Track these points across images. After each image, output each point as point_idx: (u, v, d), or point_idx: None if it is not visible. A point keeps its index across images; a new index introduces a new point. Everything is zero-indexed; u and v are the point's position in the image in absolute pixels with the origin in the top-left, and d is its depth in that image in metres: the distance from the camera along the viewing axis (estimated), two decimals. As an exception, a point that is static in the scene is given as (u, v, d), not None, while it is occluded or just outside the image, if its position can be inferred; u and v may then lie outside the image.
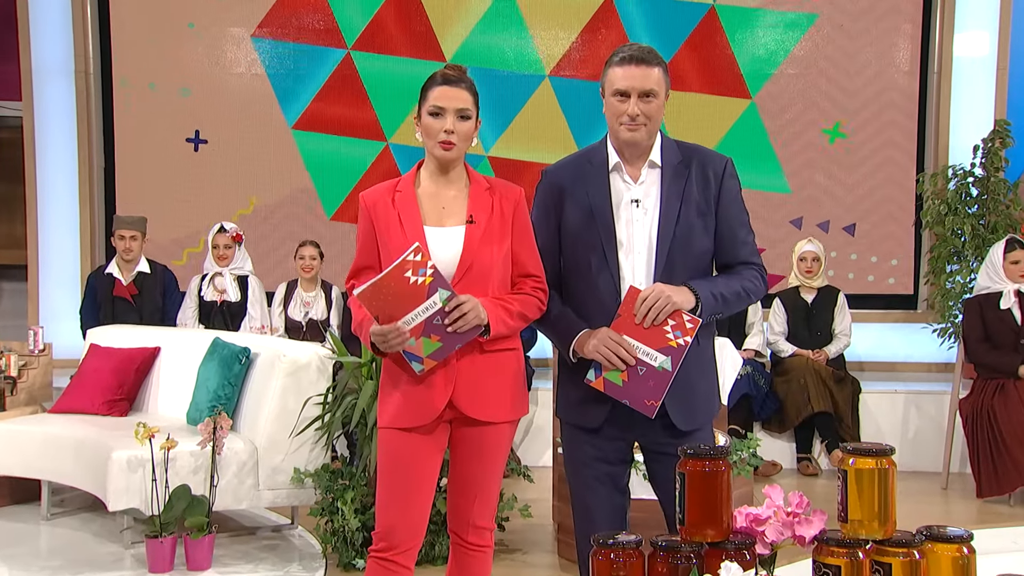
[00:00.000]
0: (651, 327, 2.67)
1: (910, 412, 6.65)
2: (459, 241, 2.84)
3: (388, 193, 2.89)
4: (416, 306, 2.70)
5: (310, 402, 4.72)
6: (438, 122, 2.82)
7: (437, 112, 2.82)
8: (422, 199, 2.88)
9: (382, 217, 2.86)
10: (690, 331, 2.67)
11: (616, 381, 2.72)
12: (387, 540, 2.85)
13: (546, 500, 5.11)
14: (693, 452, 2.00)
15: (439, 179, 2.91)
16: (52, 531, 5.14)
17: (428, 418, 2.83)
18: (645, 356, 2.68)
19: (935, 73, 7.61)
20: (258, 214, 7.87)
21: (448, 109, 2.81)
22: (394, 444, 2.85)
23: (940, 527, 1.92)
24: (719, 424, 4.55)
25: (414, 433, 2.84)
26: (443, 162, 2.87)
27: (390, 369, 2.87)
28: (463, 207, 2.88)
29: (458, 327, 2.73)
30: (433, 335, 2.73)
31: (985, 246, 6.93)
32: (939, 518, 5.30)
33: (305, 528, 5.05)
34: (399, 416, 2.84)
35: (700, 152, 2.87)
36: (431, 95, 2.83)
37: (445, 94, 2.82)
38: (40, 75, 7.90)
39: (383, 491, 2.87)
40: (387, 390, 2.88)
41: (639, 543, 1.94)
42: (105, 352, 5.62)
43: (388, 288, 2.67)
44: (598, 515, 2.83)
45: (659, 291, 2.66)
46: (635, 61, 2.75)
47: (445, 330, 2.73)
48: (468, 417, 2.85)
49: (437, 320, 2.72)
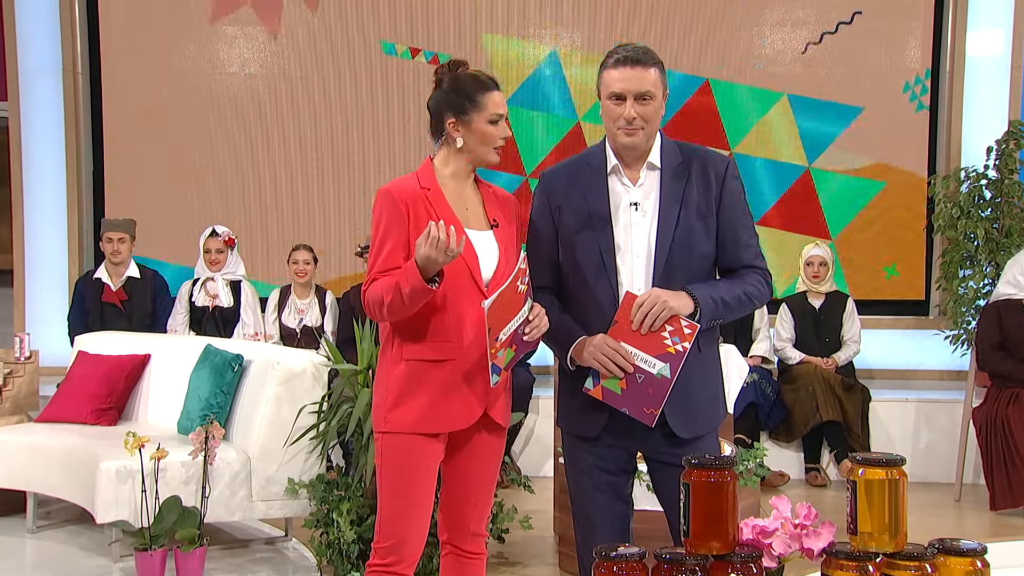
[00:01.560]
0: (648, 333, 2.67)
1: (921, 421, 6.65)
2: (494, 245, 2.89)
3: (417, 190, 2.87)
4: (515, 315, 2.70)
5: (305, 411, 4.71)
6: (499, 129, 2.89)
7: (497, 120, 2.88)
8: (448, 198, 2.90)
9: (417, 214, 2.83)
10: (688, 337, 2.67)
11: (614, 389, 2.72)
12: (397, 554, 2.84)
13: (547, 511, 5.11)
14: (698, 462, 2.00)
15: (462, 181, 2.94)
16: (38, 544, 5.14)
17: (464, 423, 2.85)
18: (643, 363, 2.69)
19: (947, 73, 7.62)
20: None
21: (504, 115, 2.90)
22: (411, 450, 2.82)
23: (953, 540, 1.92)
24: (725, 433, 4.56)
25: (434, 440, 2.84)
26: (487, 166, 2.94)
27: (416, 372, 2.82)
28: (480, 210, 2.93)
29: (533, 336, 2.76)
30: (513, 344, 2.74)
31: (999, 250, 6.94)
32: (952, 531, 5.30)
33: (299, 540, 5.06)
34: (426, 421, 2.81)
35: (701, 153, 2.87)
36: (488, 103, 2.87)
37: (502, 101, 2.91)
38: (27, 74, 7.90)
39: (394, 501, 2.84)
40: (409, 394, 2.82)
41: (642, 555, 1.94)
42: (93, 359, 5.62)
43: (505, 299, 2.66)
44: (600, 526, 2.83)
45: (655, 296, 2.66)
46: (630, 62, 2.75)
47: (522, 339, 2.75)
48: (492, 423, 2.89)
49: (520, 329, 2.73)
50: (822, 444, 6.60)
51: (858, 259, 7.66)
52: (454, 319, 2.81)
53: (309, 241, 6.99)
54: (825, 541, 1.94)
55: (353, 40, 7.84)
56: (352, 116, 7.86)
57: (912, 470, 6.01)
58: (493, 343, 2.66)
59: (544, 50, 7.78)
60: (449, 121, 2.89)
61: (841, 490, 6.09)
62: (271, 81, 7.90)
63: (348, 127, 7.85)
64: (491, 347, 2.66)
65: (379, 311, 2.78)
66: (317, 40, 7.86)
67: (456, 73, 2.91)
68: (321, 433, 4.64)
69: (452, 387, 2.81)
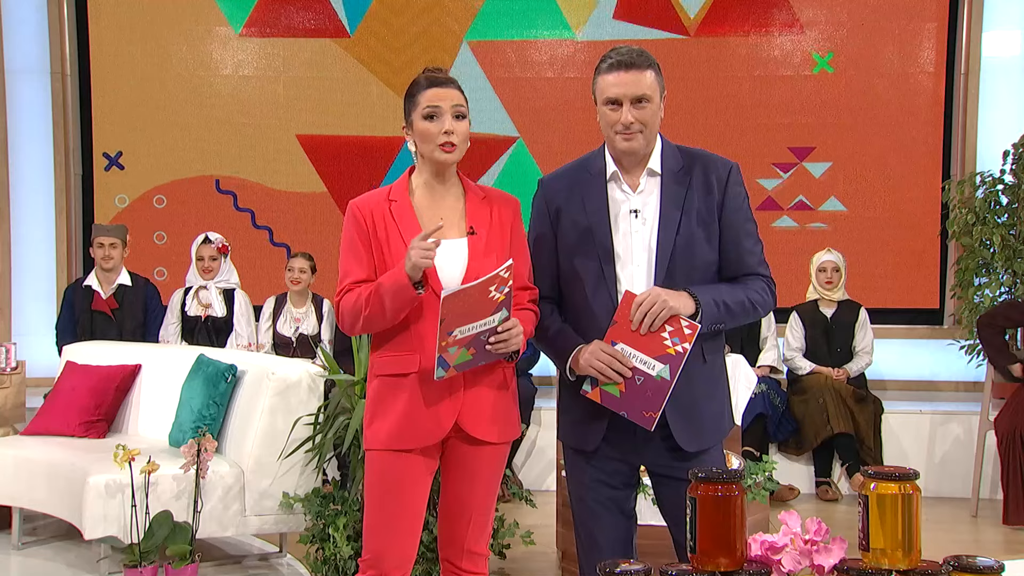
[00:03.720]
0: (648, 334, 2.67)
1: (936, 434, 6.64)
2: (463, 254, 2.86)
3: (382, 203, 2.89)
4: (480, 319, 2.72)
5: (300, 422, 4.72)
6: (435, 124, 2.84)
7: (433, 114, 2.84)
8: (419, 210, 2.89)
9: (380, 228, 2.86)
10: (688, 338, 2.67)
11: (613, 392, 2.73)
12: (376, 568, 2.87)
13: (549, 526, 5.10)
14: (705, 476, 2.00)
15: (435, 188, 2.92)
16: (24, 561, 5.13)
17: (433, 439, 2.85)
18: (642, 364, 2.69)
19: (962, 74, 7.62)
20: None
21: (444, 108, 2.84)
22: (387, 466, 2.85)
23: (969, 557, 1.91)
24: (732, 445, 4.55)
25: (411, 455, 2.85)
26: (443, 166, 2.89)
27: (384, 388, 2.87)
28: (461, 217, 2.90)
29: (499, 349, 2.77)
30: (471, 348, 2.75)
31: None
32: (967, 547, 5.29)
33: (294, 556, 5.05)
34: (397, 437, 2.83)
35: (703, 157, 2.87)
36: (422, 99, 2.85)
37: (437, 95, 2.85)
38: (13, 76, 7.92)
39: (373, 515, 2.88)
40: (380, 409, 2.87)
41: (647, 572, 1.94)
42: (82, 370, 5.61)
43: (470, 298, 2.68)
44: (603, 542, 2.84)
45: (655, 295, 2.66)
46: (624, 66, 2.75)
47: (484, 347, 2.76)
48: (470, 436, 2.87)
49: (484, 336, 2.75)
50: (833, 457, 6.59)
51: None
52: (415, 331, 2.83)
53: (307, 249, 7.03)
54: (836, 558, 1.94)
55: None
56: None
57: (926, 484, 6.01)
58: (444, 336, 2.68)
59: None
60: (403, 128, 2.92)
61: (853, 505, 6.10)
62: (267, 84, 7.93)
63: (344, 129, 7.89)
64: (442, 339, 2.68)
65: (352, 321, 2.83)
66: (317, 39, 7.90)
67: (415, 78, 2.92)
68: (317, 446, 4.64)
69: (417, 401, 2.82)
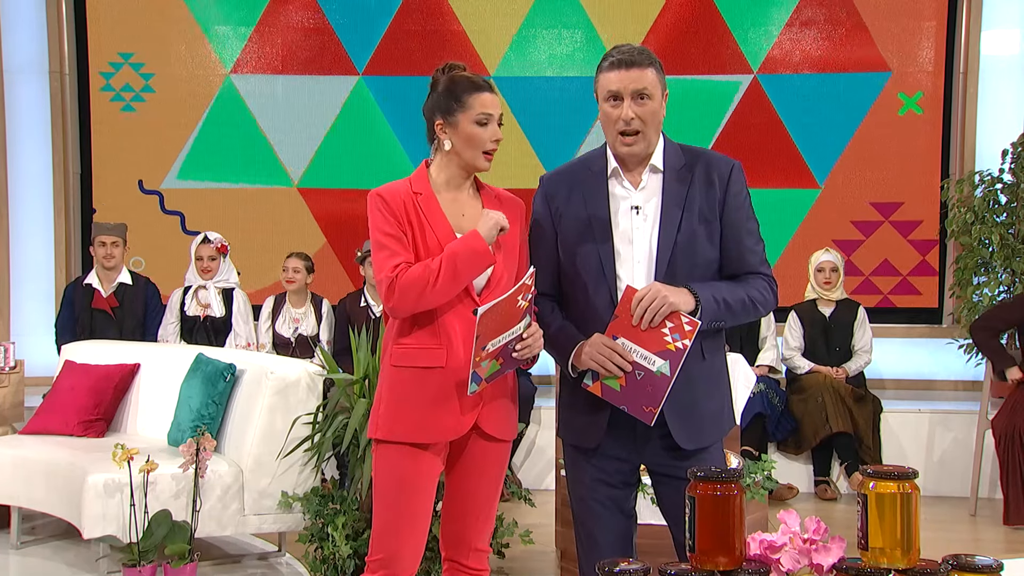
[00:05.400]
0: (648, 329, 2.68)
1: (935, 433, 6.64)
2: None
3: (408, 194, 2.89)
4: (508, 329, 2.72)
5: (299, 422, 4.72)
6: (487, 131, 2.87)
7: (486, 121, 2.86)
8: (443, 205, 2.91)
9: (413, 219, 2.85)
10: (689, 334, 2.67)
11: (614, 386, 2.74)
12: (388, 568, 2.85)
13: (548, 525, 5.11)
14: (704, 475, 2.01)
15: (457, 185, 2.94)
16: (23, 561, 5.13)
17: (454, 434, 2.86)
18: (642, 360, 2.70)
19: (961, 73, 7.62)
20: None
21: (495, 116, 2.87)
22: (404, 462, 2.84)
23: (967, 556, 1.92)
24: (731, 444, 4.56)
25: (427, 452, 2.85)
26: (477, 170, 2.92)
27: (407, 379, 2.85)
28: (479, 215, 2.91)
29: (524, 355, 2.78)
30: (500, 358, 2.76)
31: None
32: (966, 546, 5.30)
33: (293, 556, 5.05)
34: (417, 430, 2.83)
35: (705, 156, 2.88)
36: (474, 103, 2.85)
37: (492, 102, 2.88)
38: (11, 75, 7.90)
39: (387, 513, 2.86)
40: (401, 401, 2.85)
41: (646, 571, 1.94)
42: (81, 369, 5.61)
43: (501, 310, 2.67)
44: (602, 541, 2.84)
45: (656, 291, 2.67)
46: (624, 65, 2.76)
47: (511, 355, 2.77)
48: (484, 433, 2.89)
49: (511, 344, 2.76)
50: (832, 456, 6.59)
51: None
52: (444, 327, 2.83)
53: (303, 248, 7.03)
54: (835, 557, 1.94)
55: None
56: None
57: (925, 483, 6.02)
58: (479, 351, 2.68)
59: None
60: (437, 123, 2.91)
61: (852, 504, 6.11)
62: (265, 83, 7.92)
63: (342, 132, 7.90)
64: (476, 355, 2.68)
65: (418, 294, 2.74)
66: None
67: (450, 75, 2.92)
68: (316, 445, 4.64)
69: (441, 397, 2.82)
